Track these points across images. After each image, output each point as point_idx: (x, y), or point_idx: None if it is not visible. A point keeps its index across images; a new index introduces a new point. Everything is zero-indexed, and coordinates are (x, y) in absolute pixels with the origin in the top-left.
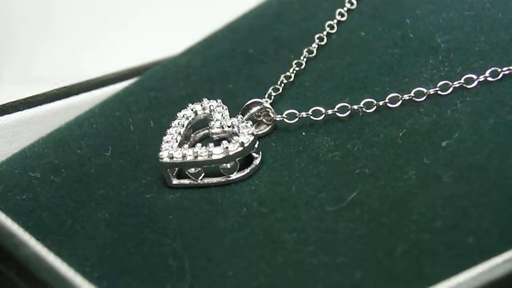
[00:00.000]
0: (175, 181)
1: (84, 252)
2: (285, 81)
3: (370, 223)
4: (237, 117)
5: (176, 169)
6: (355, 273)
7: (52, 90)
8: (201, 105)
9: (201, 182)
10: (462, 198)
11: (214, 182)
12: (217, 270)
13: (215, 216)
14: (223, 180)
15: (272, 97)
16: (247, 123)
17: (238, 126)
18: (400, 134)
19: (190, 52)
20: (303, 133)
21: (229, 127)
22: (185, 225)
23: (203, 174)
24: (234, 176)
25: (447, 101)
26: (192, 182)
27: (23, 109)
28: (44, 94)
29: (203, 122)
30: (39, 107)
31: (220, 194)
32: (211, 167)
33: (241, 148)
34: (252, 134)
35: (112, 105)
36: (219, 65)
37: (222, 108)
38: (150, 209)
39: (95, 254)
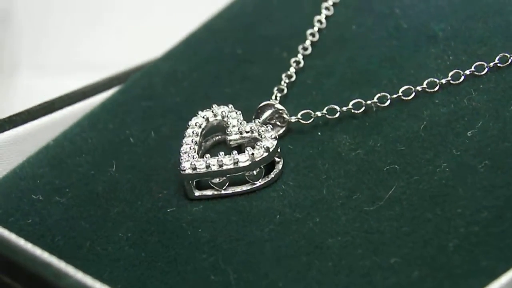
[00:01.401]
0: (197, 193)
1: (111, 275)
2: (287, 80)
3: (414, 220)
4: (254, 122)
5: (195, 180)
6: (412, 273)
7: (34, 106)
8: (212, 111)
9: (225, 192)
10: (502, 187)
11: (239, 191)
12: (265, 282)
13: (247, 225)
14: (248, 188)
15: (279, 98)
16: (267, 127)
17: (258, 131)
18: (421, 127)
19: (172, 57)
20: (319, 133)
21: (247, 132)
22: (218, 238)
23: (227, 184)
24: (260, 182)
25: (461, 90)
26: (215, 192)
27: (9, 128)
28: (27, 111)
29: (215, 129)
30: (24, 125)
31: (247, 203)
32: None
33: (266, 153)
34: (275, 138)
35: (101, 118)
36: (209, 69)
37: (236, 113)
38: (175, 224)
39: (124, 276)
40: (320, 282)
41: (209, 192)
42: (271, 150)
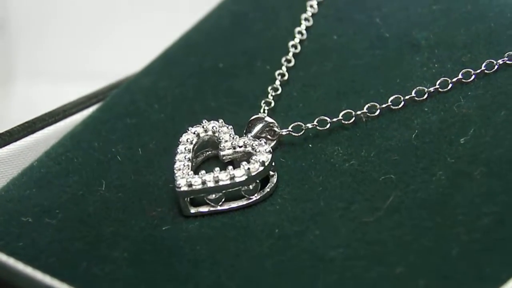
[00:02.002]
0: (193, 210)
1: None
2: (273, 93)
3: (415, 228)
4: (247, 136)
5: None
6: (418, 282)
7: (16, 127)
8: (203, 126)
9: (221, 208)
10: (500, 193)
11: (235, 206)
12: None
13: (246, 241)
14: (245, 203)
15: (266, 111)
16: (260, 141)
17: (252, 145)
18: (413, 135)
19: (151, 72)
20: (310, 145)
21: (240, 147)
22: (217, 254)
23: (223, 199)
24: (256, 197)
25: (449, 97)
26: (211, 208)
27: None
28: (8, 132)
29: (205, 145)
30: (7, 147)
31: (244, 218)
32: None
33: (262, 168)
34: (270, 151)
35: (84, 136)
36: (192, 83)
37: (227, 128)
38: (172, 242)
39: None
40: None
41: (204, 209)
42: (266, 164)
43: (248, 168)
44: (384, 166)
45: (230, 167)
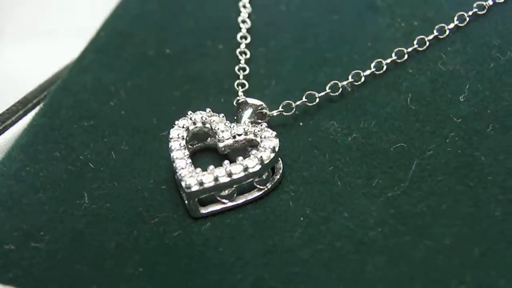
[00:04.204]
0: (203, 210)
1: None
2: (242, 73)
3: (449, 195)
4: (245, 123)
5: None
6: (472, 250)
7: None
8: (190, 119)
9: (234, 204)
10: None
11: (249, 199)
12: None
13: (273, 235)
14: (258, 194)
15: (242, 94)
16: (261, 125)
17: (253, 132)
18: (408, 99)
19: (87, 67)
20: (300, 123)
21: (239, 135)
22: (245, 254)
23: (235, 194)
24: (267, 186)
25: (430, 55)
26: (223, 206)
27: None
28: None
29: (192, 138)
30: None
31: (260, 211)
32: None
33: (273, 154)
34: (276, 136)
35: (39, 147)
36: (143, 74)
37: (219, 117)
38: (189, 248)
39: None
40: (381, 278)
41: (217, 207)
42: (276, 149)
43: (261, 157)
44: (390, 135)
45: (240, 158)
